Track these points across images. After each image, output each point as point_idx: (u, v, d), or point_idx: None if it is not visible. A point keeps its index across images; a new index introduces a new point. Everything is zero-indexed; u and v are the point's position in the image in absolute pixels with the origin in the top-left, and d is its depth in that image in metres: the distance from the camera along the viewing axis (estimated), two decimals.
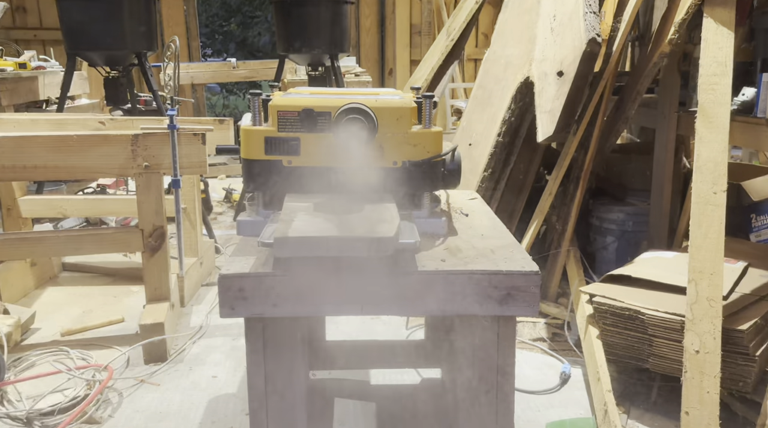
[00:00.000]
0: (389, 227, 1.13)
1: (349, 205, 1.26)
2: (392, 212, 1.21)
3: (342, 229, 1.13)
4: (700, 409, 1.71)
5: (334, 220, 1.18)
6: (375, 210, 1.23)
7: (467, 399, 1.19)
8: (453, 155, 1.36)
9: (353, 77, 5.11)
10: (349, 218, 1.19)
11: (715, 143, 1.97)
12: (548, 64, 2.66)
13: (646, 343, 2.02)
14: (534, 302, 1.14)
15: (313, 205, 1.26)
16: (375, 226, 1.14)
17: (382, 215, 1.20)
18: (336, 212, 1.23)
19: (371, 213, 1.22)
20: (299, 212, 1.22)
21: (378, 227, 1.13)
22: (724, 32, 2.11)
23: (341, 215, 1.20)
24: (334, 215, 1.20)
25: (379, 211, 1.22)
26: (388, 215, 1.20)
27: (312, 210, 1.24)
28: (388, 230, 1.11)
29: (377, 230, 1.11)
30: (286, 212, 1.21)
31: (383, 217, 1.19)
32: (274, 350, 1.17)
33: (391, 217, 1.18)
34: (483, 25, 6.40)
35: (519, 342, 2.55)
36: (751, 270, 2.22)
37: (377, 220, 1.17)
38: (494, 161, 2.91)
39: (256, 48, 12.40)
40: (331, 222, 1.16)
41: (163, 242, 2.51)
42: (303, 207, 1.24)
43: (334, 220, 1.18)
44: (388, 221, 1.16)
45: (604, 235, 3.09)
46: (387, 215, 1.20)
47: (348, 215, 1.20)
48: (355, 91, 1.44)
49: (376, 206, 1.25)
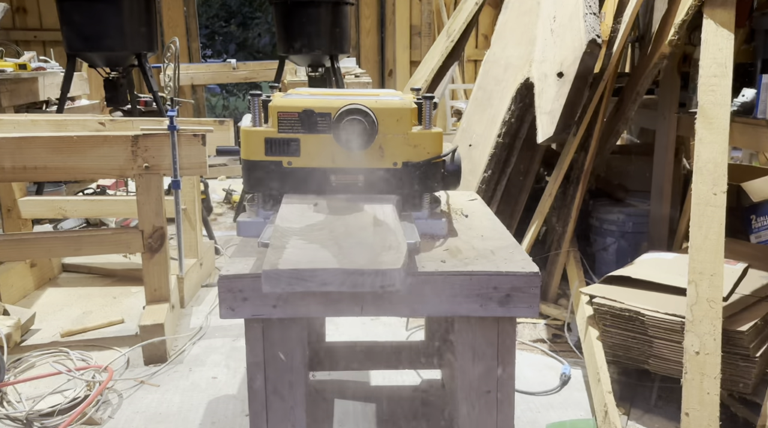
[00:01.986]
0: (395, 256, 1.03)
1: (348, 218, 1.18)
2: (398, 236, 1.11)
3: (342, 258, 1.02)
4: (700, 410, 1.71)
5: (331, 244, 1.07)
6: (379, 232, 1.12)
7: (467, 401, 1.19)
8: (453, 156, 1.36)
9: (353, 78, 5.11)
10: (349, 241, 1.08)
11: (715, 144, 1.97)
12: (548, 66, 2.66)
13: (647, 344, 2.02)
14: (534, 303, 1.14)
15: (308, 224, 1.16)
16: (379, 255, 1.03)
17: (386, 240, 1.09)
18: (334, 231, 1.13)
19: (374, 236, 1.11)
20: (292, 235, 1.11)
21: (383, 257, 1.02)
22: (724, 33, 2.11)
23: (340, 238, 1.10)
24: (331, 238, 1.10)
25: (383, 234, 1.12)
26: (393, 240, 1.09)
27: (307, 230, 1.14)
28: (394, 260, 1.01)
29: (382, 260, 1.01)
30: (277, 235, 1.11)
31: (388, 242, 1.08)
32: (274, 351, 1.17)
33: (397, 243, 1.07)
34: (483, 27, 6.40)
35: (519, 343, 2.55)
36: (751, 271, 2.22)
37: (381, 246, 1.07)
38: (494, 162, 2.91)
39: (256, 49, 12.40)
40: (329, 248, 1.06)
41: (163, 243, 2.51)
42: (296, 229, 1.14)
43: (331, 244, 1.07)
44: (395, 248, 1.05)
45: (604, 236, 3.09)
46: (392, 239, 1.09)
47: (348, 238, 1.10)
48: (355, 92, 1.44)
49: (379, 229, 1.15)
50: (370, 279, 0.99)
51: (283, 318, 1.14)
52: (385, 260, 1.01)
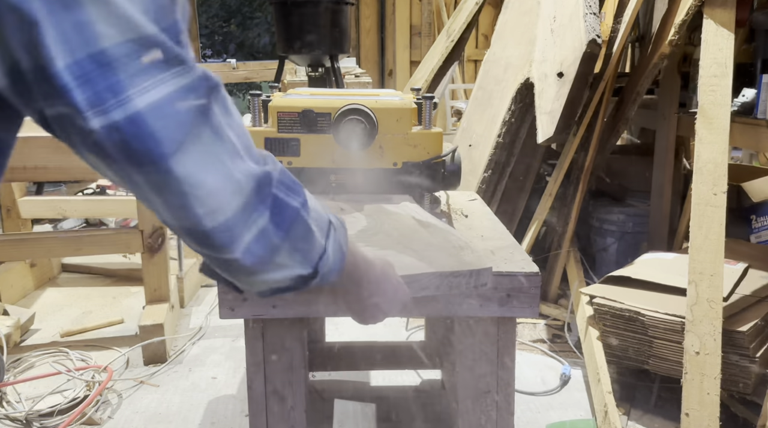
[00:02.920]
0: (476, 255, 1.05)
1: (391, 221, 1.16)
2: (457, 234, 1.12)
3: (428, 260, 1.01)
4: (701, 410, 1.71)
5: (402, 248, 1.05)
6: (434, 233, 1.12)
7: (467, 401, 1.19)
8: (453, 156, 1.36)
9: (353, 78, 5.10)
10: (416, 244, 1.07)
11: (716, 144, 1.97)
12: (548, 66, 2.66)
13: (647, 344, 2.02)
14: (534, 303, 1.14)
15: (359, 229, 1.13)
16: (458, 255, 1.04)
17: (449, 240, 1.10)
18: (391, 235, 1.11)
19: (432, 237, 1.10)
20: (356, 241, 1.07)
21: (464, 257, 1.04)
22: (724, 33, 2.11)
23: (404, 242, 1.08)
24: (397, 242, 1.08)
25: (440, 234, 1.12)
26: (456, 240, 1.09)
27: (364, 236, 1.10)
28: (478, 259, 1.03)
29: (468, 261, 1.02)
30: None
31: (454, 242, 1.09)
32: (273, 351, 1.17)
33: (464, 242, 1.09)
34: (483, 27, 6.40)
35: (519, 344, 2.55)
36: (752, 271, 2.22)
37: (452, 246, 1.07)
38: (494, 162, 2.91)
39: (255, 49, 12.40)
40: (405, 252, 1.04)
41: (163, 243, 2.51)
42: (352, 235, 1.06)
43: (402, 248, 1.05)
44: (467, 248, 1.07)
45: (604, 236, 3.09)
46: (454, 239, 1.10)
47: (412, 241, 1.08)
48: (355, 92, 1.44)
49: (432, 230, 1.13)
50: (465, 280, 1.01)
51: (282, 318, 1.14)
52: (470, 260, 1.03)
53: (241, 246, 0.68)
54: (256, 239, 0.69)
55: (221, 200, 0.64)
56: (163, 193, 0.61)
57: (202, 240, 0.67)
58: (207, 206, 0.63)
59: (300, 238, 0.75)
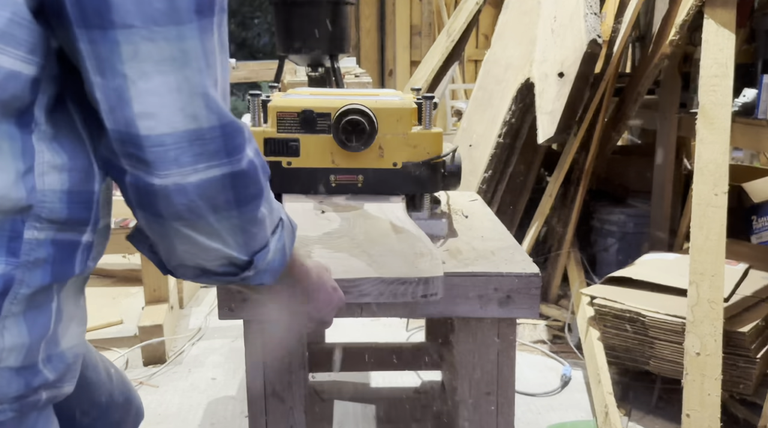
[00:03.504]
0: (432, 263, 0.98)
1: (365, 225, 1.13)
2: (426, 242, 1.06)
3: (377, 266, 0.97)
4: (701, 411, 1.70)
5: (359, 252, 1.02)
6: (403, 239, 1.08)
7: (468, 402, 1.19)
8: (453, 156, 1.36)
9: (353, 78, 5.09)
10: (376, 249, 1.03)
11: (716, 144, 1.96)
12: (549, 66, 2.66)
13: (647, 345, 2.02)
14: (534, 304, 1.13)
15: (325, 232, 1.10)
16: (415, 262, 0.99)
17: (415, 246, 1.04)
18: (356, 238, 1.07)
19: (400, 243, 1.06)
20: (313, 244, 1.05)
21: (419, 264, 0.98)
22: (725, 34, 2.10)
23: (365, 246, 1.04)
24: (356, 246, 1.05)
25: (409, 240, 1.07)
26: (422, 247, 1.04)
27: (327, 239, 1.08)
28: (432, 267, 0.97)
29: (421, 268, 0.96)
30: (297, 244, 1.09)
31: (418, 249, 1.04)
32: (273, 352, 1.17)
33: (428, 249, 1.03)
34: (483, 27, 6.39)
35: (519, 344, 2.55)
36: (753, 272, 2.22)
37: (413, 253, 1.02)
38: (495, 162, 2.90)
39: (255, 49, 12.41)
40: (358, 256, 1.00)
41: None
42: (314, 238, 1.08)
43: (359, 252, 1.02)
44: (428, 255, 1.01)
45: (604, 237, 3.09)
46: (420, 246, 1.05)
47: (373, 246, 1.04)
48: (355, 92, 1.44)
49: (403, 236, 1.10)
50: (412, 288, 0.95)
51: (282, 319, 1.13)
52: (424, 268, 0.96)
53: (173, 175, 0.63)
54: (201, 183, 0.64)
55: (164, 108, 0.61)
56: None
57: (130, 147, 0.62)
58: (143, 104, 0.60)
59: (249, 220, 0.70)
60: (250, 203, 0.70)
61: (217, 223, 0.68)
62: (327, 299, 0.91)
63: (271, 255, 0.76)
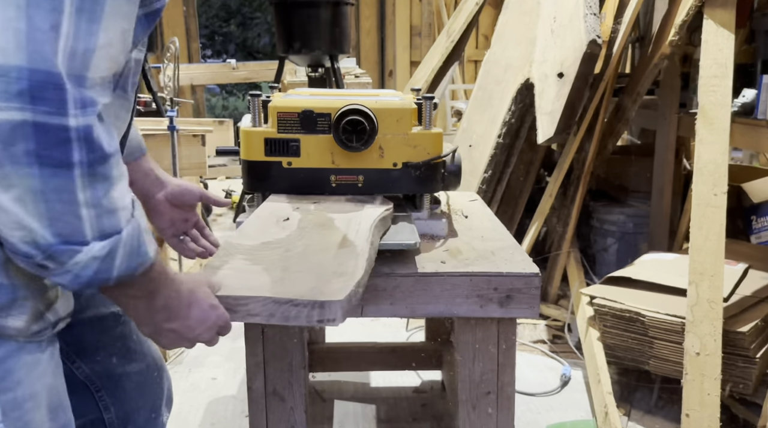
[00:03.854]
0: (342, 284, 0.88)
1: (315, 236, 1.06)
2: (360, 260, 0.96)
3: (279, 285, 0.88)
4: (701, 411, 1.70)
5: (277, 268, 0.93)
6: (340, 255, 0.98)
7: (467, 401, 1.19)
8: (453, 156, 1.36)
9: (353, 79, 5.10)
10: (300, 265, 0.94)
11: (716, 144, 1.96)
12: (548, 66, 2.66)
13: (647, 345, 2.02)
14: (534, 304, 1.14)
15: (263, 241, 1.03)
16: (326, 282, 0.89)
17: (343, 264, 0.94)
18: (290, 251, 0.99)
19: (333, 259, 0.97)
20: (237, 254, 0.98)
21: (328, 285, 0.88)
22: (725, 34, 2.11)
23: (292, 261, 0.96)
24: (282, 260, 0.96)
25: (343, 257, 0.98)
26: (350, 265, 0.94)
27: (258, 249, 1.01)
28: (338, 289, 0.86)
29: (324, 290, 0.86)
30: (220, 253, 1.00)
31: (343, 267, 0.93)
32: (273, 352, 1.17)
33: (353, 268, 0.93)
34: (483, 27, 6.39)
35: (519, 344, 2.55)
36: (752, 272, 2.22)
37: (333, 272, 0.92)
38: (494, 162, 2.91)
39: (255, 49, 12.41)
40: (271, 272, 0.92)
41: (163, 243, 2.50)
42: (246, 247, 1.01)
43: (277, 268, 0.93)
44: (347, 275, 0.91)
45: (604, 237, 3.09)
46: (350, 264, 0.95)
47: (301, 261, 0.96)
48: (355, 93, 1.44)
49: (343, 251, 1.00)
50: (306, 312, 0.84)
51: None
52: (328, 290, 0.86)
53: None
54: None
55: None
56: None
57: None
58: None
59: (55, 190, 0.64)
60: (59, 169, 0.63)
61: (16, 176, 0.62)
62: (201, 317, 0.83)
63: (85, 259, 0.68)
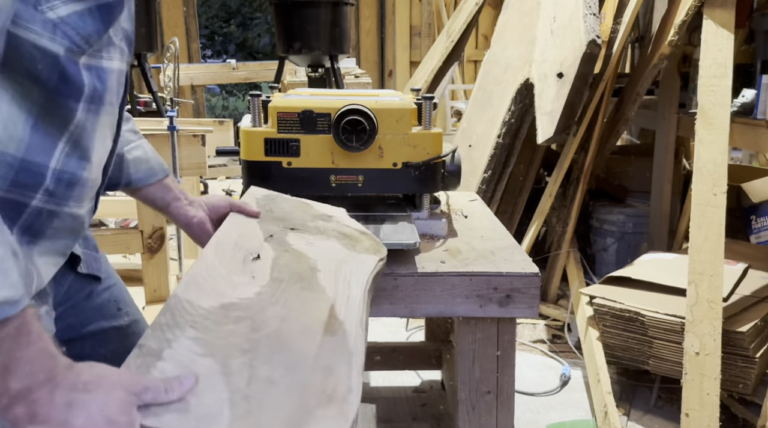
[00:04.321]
0: (332, 423, 0.63)
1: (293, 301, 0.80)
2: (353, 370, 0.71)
3: (242, 417, 0.61)
4: (700, 411, 1.70)
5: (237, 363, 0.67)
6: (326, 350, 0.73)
7: (467, 401, 1.19)
8: (453, 156, 1.36)
9: (353, 79, 5.10)
10: (268, 366, 0.68)
11: (715, 144, 1.97)
12: (548, 66, 2.66)
13: (646, 345, 2.02)
14: (534, 303, 1.14)
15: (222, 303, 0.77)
16: (309, 413, 0.64)
17: (333, 372, 0.70)
18: (258, 330, 0.72)
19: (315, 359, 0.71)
20: (187, 327, 0.74)
21: (313, 422, 0.63)
22: (724, 34, 2.11)
23: (259, 353, 0.70)
24: (245, 351, 0.69)
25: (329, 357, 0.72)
26: (342, 377, 0.70)
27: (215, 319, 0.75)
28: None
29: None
30: (164, 320, 0.77)
31: (334, 380, 0.69)
32: None
33: (345, 387, 0.68)
34: (483, 27, 6.40)
35: (519, 344, 2.55)
36: (751, 272, 2.22)
37: (316, 390, 0.67)
38: (494, 162, 2.91)
39: (255, 49, 12.41)
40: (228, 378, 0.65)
41: (163, 243, 2.50)
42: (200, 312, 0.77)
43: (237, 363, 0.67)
44: (338, 401, 0.66)
45: (604, 237, 3.09)
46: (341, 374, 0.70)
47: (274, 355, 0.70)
48: (354, 93, 1.44)
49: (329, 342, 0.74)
50: None
51: None
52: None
53: None
54: None
55: None
56: None
57: None
58: None
59: None
60: None
61: None
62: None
63: None
